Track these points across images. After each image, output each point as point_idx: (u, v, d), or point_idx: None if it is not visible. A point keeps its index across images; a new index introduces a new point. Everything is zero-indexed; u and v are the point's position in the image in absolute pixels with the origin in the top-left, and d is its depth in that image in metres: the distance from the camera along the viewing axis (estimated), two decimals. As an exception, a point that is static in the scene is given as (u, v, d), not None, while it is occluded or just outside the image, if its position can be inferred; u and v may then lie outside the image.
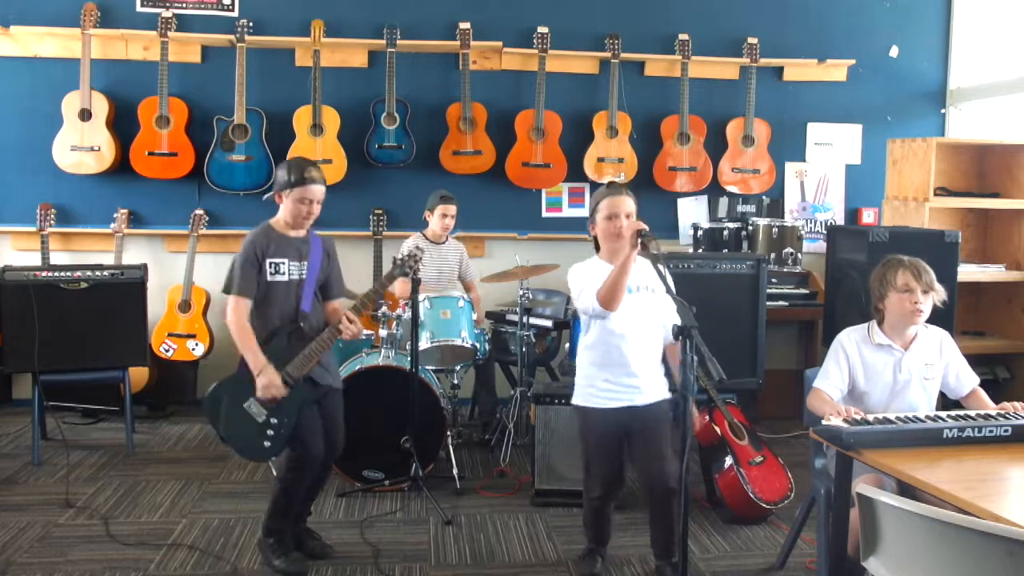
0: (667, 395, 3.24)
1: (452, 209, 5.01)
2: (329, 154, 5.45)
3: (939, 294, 3.01)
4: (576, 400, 3.27)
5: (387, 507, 4.04)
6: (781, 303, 5.43)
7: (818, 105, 6.02)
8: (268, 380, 3.18)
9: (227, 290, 3.26)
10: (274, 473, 3.30)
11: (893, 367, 3.03)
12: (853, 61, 5.99)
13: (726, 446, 3.98)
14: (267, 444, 3.23)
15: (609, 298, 2.97)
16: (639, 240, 2.86)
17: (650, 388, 3.19)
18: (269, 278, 3.26)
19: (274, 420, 3.22)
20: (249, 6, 5.55)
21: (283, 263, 3.28)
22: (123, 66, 5.49)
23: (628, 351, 3.12)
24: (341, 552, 3.55)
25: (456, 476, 4.26)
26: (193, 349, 5.34)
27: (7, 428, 5.12)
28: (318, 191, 3.29)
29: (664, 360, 3.27)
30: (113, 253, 5.34)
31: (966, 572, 1.84)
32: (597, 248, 3.25)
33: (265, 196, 3.48)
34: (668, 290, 2.71)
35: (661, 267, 2.78)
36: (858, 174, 6.11)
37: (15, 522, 3.77)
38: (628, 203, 3.10)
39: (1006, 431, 2.63)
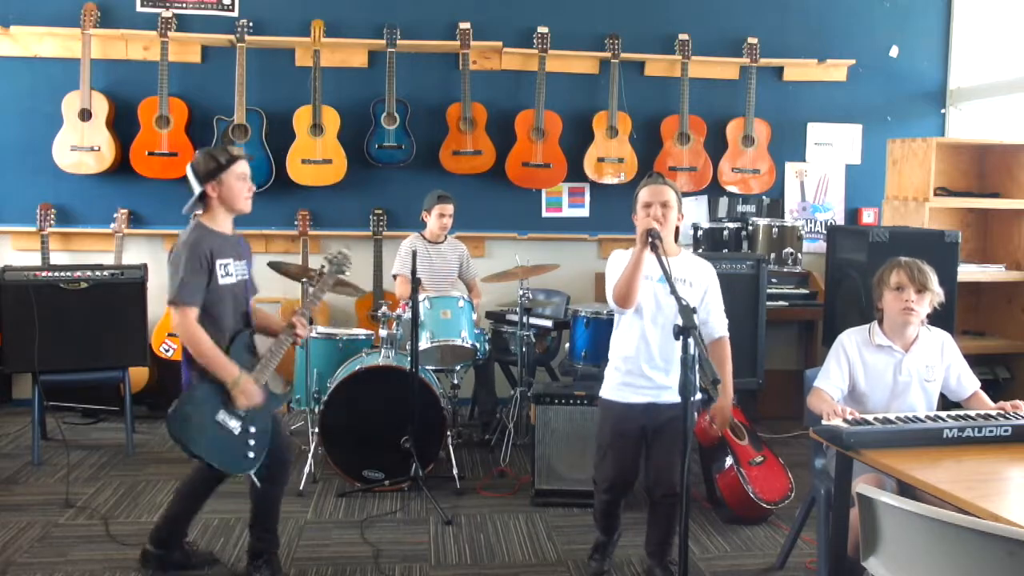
0: (695, 395, 3.19)
1: (449, 208, 5.01)
2: (329, 154, 5.45)
3: (936, 296, 2.99)
4: (602, 391, 3.25)
5: (387, 507, 4.04)
6: (781, 303, 5.43)
7: (818, 105, 6.02)
8: (247, 389, 3.02)
9: (174, 301, 2.97)
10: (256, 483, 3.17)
11: (893, 368, 3.03)
12: (853, 61, 5.99)
13: (726, 446, 3.98)
14: (251, 455, 3.07)
15: (621, 294, 2.95)
16: (649, 239, 2.84)
17: (675, 386, 3.13)
18: (221, 280, 3.05)
19: (252, 429, 3.07)
20: (249, 6, 5.55)
21: (229, 263, 3.09)
22: (123, 66, 5.50)
23: (656, 345, 3.08)
24: (341, 552, 3.56)
25: (456, 476, 4.26)
26: (193, 349, 5.33)
27: (7, 428, 5.12)
28: (247, 166, 3.11)
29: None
30: (113, 253, 5.35)
31: (966, 572, 1.84)
32: None
33: (185, 209, 3.14)
34: (672, 291, 2.68)
35: (667, 268, 2.75)
36: (858, 174, 6.11)
37: (15, 522, 3.77)
38: (666, 192, 3.04)
39: (1006, 431, 2.63)
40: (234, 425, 3.05)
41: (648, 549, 3.31)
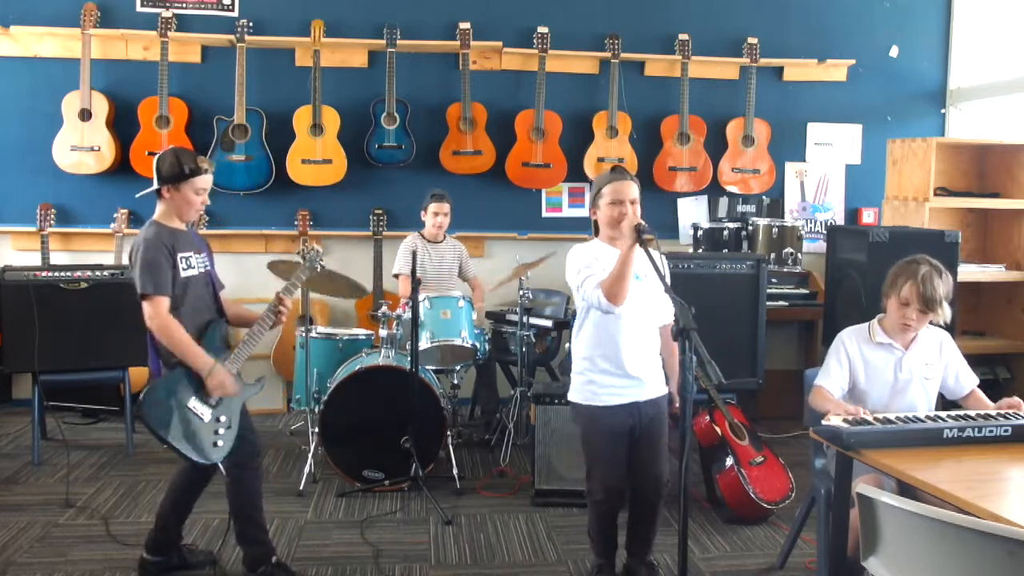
0: (665, 390, 3.16)
1: (445, 207, 4.99)
2: (329, 154, 5.45)
3: (940, 316, 2.96)
4: (575, 397, 3.12)
5: (387, 507, 4.04)
6: (781, 303, 5.43)
7: (818, 105, 6.02)
8: (220, 379, 3.04)
9: (145, 293, 3.00)
10: (223, 472, 3.16)
11: (894, 366, 3.03)
12: (853, 61, 5.99)
13: (727, 446, 3.98)
14: (220, 444, 3.07)
15: (614, 293, 2.85)
16: (639, 236, 2.79)
17: (652, 381, 3.09)
18: (183, 274, 3.09)
19: (223, 418, 3.08)
20: (249, 6, 5.55)
21: (191, 256, 3.14)
22: (123, 66, 5.50)
23: (629, 342, 3.02)
24: (341, 552, 3.56)
25: (456, 476, 4.26)
26: (193, 349, 5.33)
27: (7, 428, 5.12)
28: (210, 180, 3.17)
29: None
30: (113, 253, 5.34)
31: (966, 572, 1.84)
32: (595, 231, 3.15)
33: (139, 193, 3.31)
34: (667, 289, 2.66)
35: (659, 265, 2.73)
36: (858, 174, 6.11)
37: (15, 522, 3.78)
38: (633, 189, 3.02)
39: (1006, 431, 2.63)
40: (204, 413, 3.05)
41: (630, 547, 3.24)
